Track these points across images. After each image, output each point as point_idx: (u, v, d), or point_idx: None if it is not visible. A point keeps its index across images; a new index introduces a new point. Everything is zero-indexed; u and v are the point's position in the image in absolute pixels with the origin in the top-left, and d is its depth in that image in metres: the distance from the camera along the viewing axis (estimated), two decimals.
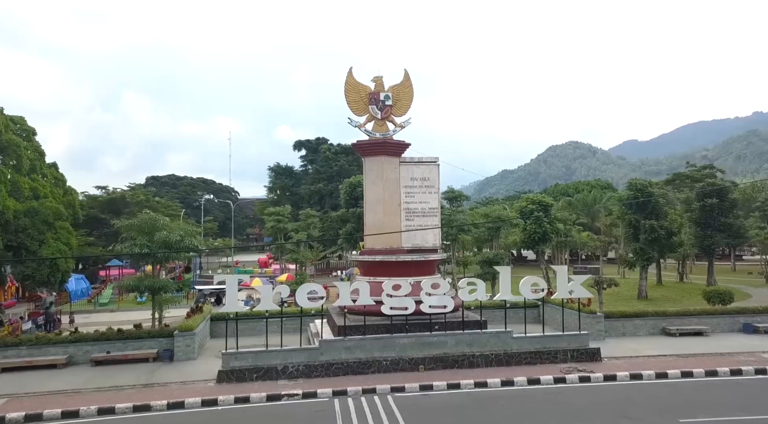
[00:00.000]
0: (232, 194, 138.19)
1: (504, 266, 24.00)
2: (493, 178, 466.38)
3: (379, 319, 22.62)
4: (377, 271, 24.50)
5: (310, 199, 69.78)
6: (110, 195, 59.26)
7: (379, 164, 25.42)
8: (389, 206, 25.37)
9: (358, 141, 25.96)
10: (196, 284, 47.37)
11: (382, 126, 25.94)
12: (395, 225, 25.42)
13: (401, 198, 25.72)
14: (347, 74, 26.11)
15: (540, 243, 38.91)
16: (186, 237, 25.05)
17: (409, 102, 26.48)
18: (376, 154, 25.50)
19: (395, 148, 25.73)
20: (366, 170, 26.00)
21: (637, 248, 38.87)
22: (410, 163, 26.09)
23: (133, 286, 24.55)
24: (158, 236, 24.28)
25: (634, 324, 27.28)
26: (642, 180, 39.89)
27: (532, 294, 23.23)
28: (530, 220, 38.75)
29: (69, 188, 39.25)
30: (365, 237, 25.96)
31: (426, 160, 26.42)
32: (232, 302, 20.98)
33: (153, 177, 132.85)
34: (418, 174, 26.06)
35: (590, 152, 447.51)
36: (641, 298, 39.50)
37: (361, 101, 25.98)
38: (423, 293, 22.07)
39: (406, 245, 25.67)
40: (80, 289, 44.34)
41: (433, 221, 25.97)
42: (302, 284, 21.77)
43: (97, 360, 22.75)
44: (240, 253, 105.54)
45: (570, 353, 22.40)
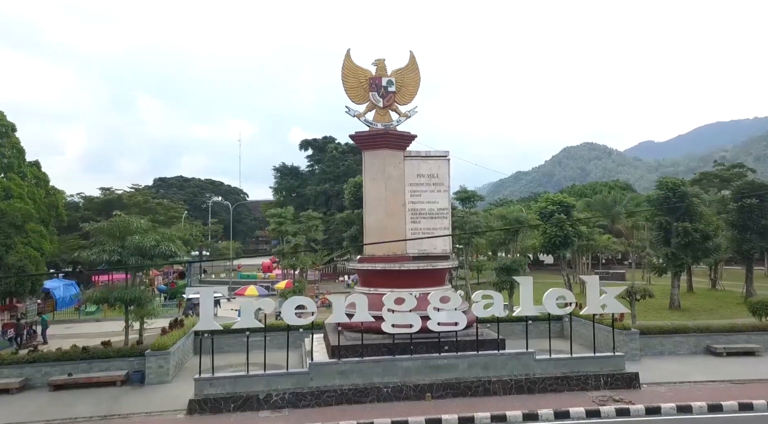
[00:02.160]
0: (240, 196, 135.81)
1: (525, 277, 20.71)
2: (507, 180, 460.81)
3: (379, 337, 19.50)
4: (378, 281, 21.38)
5: (316, 201, 66.86)
6: (107, 196, 56.76)
7: (380, 159, 22.31)
8: (392, 207, 22.24)
9: (357, 132, 22.87)
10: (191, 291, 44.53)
11: (385, 115, 22.82)
12: (399, 228, 22.29)
13: (406, 197, 22.60)
14: (345, 57, 23.04)
15: (561, 247, 35.54)
16: (162, 242, 22.09)
17: (416, 88, 23.35)
18: (377, 148, 22.39)
19: (399, 140, 22.62)
20: (366, 165, 22.88)
21: (668, 253, 35.33)
22: (416, 157, 22.95)
23: (101, 297, 21.67)
24: (130, 242, 21.37)
25: (673, 341, 23.85)
26: (674, 179, 36.40)
27: (558, 309, 19.91)
28: (550, 222, 35.42)
29: (52, 189, 36.61)
30: (365, 242, 22.85)
31: (434, 154, 23.27)
32: (206, 319, 17.92)
33: (161, 178, 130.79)
34: (425, 170, 22.91)
35: (605, 153, 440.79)
36: (674, 308, 35.94)
37: (360, 87, 22.90)
38: (431, 308, 18.90)
39: (412, 252, 22.55)
40: (69, 295, 41.70)
41: (442, 223, 22.81)
42: (289, 298, 18.69)
43: (57, 384, 19.82)
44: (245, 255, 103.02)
45: (603, 379, 19.08)
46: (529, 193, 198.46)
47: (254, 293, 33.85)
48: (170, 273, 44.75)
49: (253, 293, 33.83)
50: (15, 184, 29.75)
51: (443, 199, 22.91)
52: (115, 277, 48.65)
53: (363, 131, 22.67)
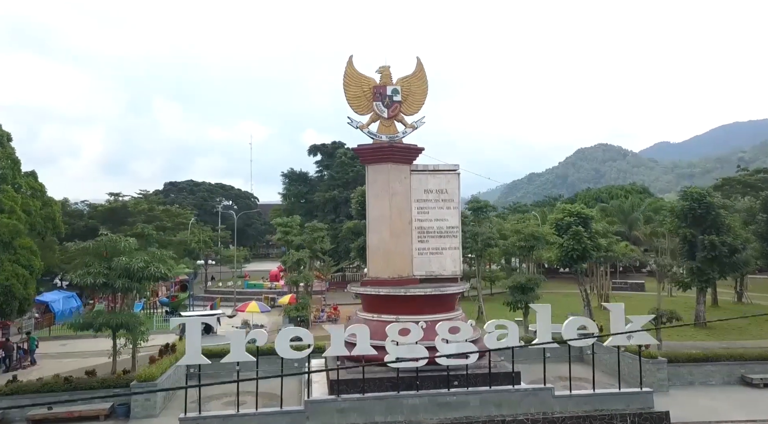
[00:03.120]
0: (250, 200, 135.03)
1: (543, 305, 18.96)
2: (520, 182, 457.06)
3: (382, 370, 17.92)
4: (382, 306, 19.75)
5: (324, 207, 65.33)
6: (112, 204, 55.72)
7: (384, 174, 20.68)
8: (397, 225, 20.59)
9: (359, 145, 21.30)
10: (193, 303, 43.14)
11: (389, 127, 21.21)
12: (405, 249, 20.66)
13: (412, 215, 20.94)
14: (347, 64, 21.45)
15: (579, 261, 33.64)
16: (152, 263, 20.65)
17: (423, 97, 21.73)
18: (381, 162, 20.77)
19: (405, 153, 20.97)
20: (369, 181, 21.27)
21: (693, 268, 33.31)
22: (424, 171, 21.30)
23: (86, 324, 20.23)
24: (117, 263, 19.95)
25: (704, 371, 21.93)
26: (699, 189, 34.34)
27: (579, 341, 18.11)
28: (567, 235, 33.56)
29: (49, 200, 35.41)
30: (368, 263, 21.23)
31: (443, 168, 21.59)
32: (193, 353, 16.37)
33: (171, 183, 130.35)
34: (433, 185, 21.24)
35: (620, 155, 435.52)
36: (699, 325, 33.93)
37: (363, 97, 21.30)
38: (439, 339, 17.24)
39: (419, 273, 20.89)
40: (69, 308, 40.49)
41: (452, 242, 21.12)
42: (282, 329, 17.11)
43: (36, 419, 18.42)
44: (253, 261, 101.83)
45: (630, 418, 17.28)
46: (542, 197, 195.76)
47: (255, 309, 32.34)
48: (171, 285, 43.32)
49: (255, 309, 32.33)
50: (6, 197, 28.51)
51: (453, 216, 21.22)
52: None
53: (366, 144, 21.09)
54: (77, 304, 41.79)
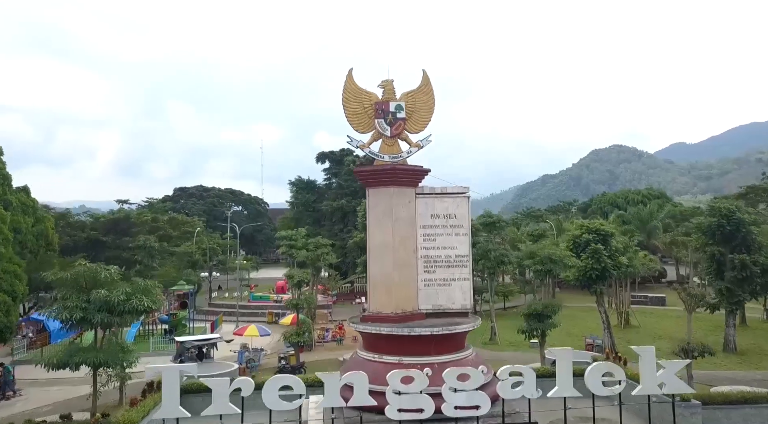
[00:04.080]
0: (261, 206, 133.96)
1: (563, 349, 17.01)
2: (533, 183, 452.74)
3: (383, 418, 16.03)
4: (384, 346, 17.92)
5: (332, 217, 63.66)
6: (114, 215, 54.50)
7: (387, 198, 18.83)
8: (401, 255, 18.73)
9: (358, 167, 19.52)
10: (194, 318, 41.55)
11: (393, 146, 19.37)
12: (409, 280, 18.81)
13: (418, 242, 19.08)
14: (346, 78, 19.67)
15: (598, 281, 31.57)
16: (135, 295, 19.03)
17: (429, 113, 19.88)
18: (382, 185, 18.92)
19: (409, 176, 19.12)
20: (370, 205, 19.42)
21: (722, 288, 31.10)
22: (430, 195, 19.43)
23: (62, 362, 18.60)
24: (96, 296, 18.33)
25: (743, 414, 19.84)
26: (728, 204, 32.08)
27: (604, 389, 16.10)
28: (586, 253, 31.52)
29: (41, 216, 34.05)
30: (369, 296, 19.40)
31: (451, 191, 19.70)
32: (170, 406, 14.64)
33: (180, 188, 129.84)
34: (440, 210, 19.36)
35: (635, 156, 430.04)
36: (729, 351, 31.70)
37: (364, 113, 19.51)
38: (446, 387, 15.37)
39: (425, 307, 19.02)
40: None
41: (461, 273, 19.22)
42: (271, 378, 15.30)
43: None
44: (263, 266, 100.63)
45: None
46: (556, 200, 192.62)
47: (254, 333, 30.68)
48: (170, 302, 41.66)
49: (254, 333, 30.66)
50: None
51: (463, 243, 19.31)
52: None
53: (365, 166, 19.34)
54: None
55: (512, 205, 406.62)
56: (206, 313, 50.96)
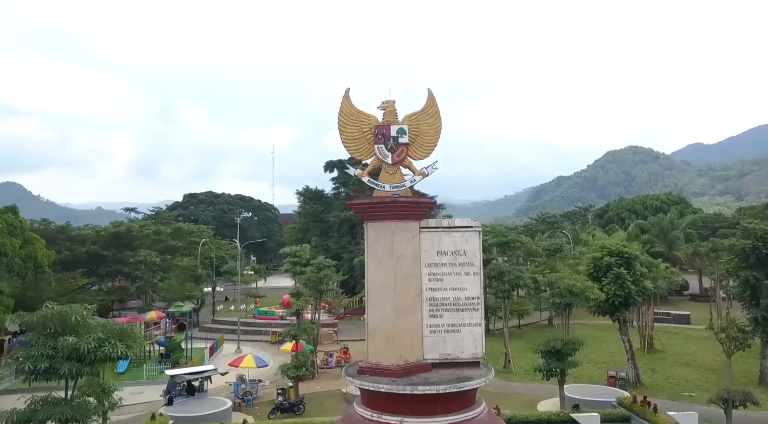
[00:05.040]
0: (271, 212, 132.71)
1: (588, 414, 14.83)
2: (548, 185, 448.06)
3: None
4: (383, 404, 15.84)
5: (339, 228, 61.71)
6: (116, 227, 53.04)
7: (387, 233, 16.77)
8: (404, 297, 16.66)
9: (356, 200, 17.49)
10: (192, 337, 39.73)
11: (394, 174, 17.32)
12: (413, 327, 16.73)
13: (422, 283, 17.00)
14: (342, 99, 17.65)
15: (621, 308, 29.28)
16: (109, 341, 17.16)
17: (435, 137, 17.80)
18: (382, 219, 16.88)
19: (413, 208, 17.06)
20: (369, 242, 17.38)
21: (757, 317, 28.68)
22: (437, 229, 17.34)
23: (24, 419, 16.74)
24: (63, 343, 16.49)
25: None
26: (764, 227, 29.56)
27: None
28: (607, 277, 29.24)
29: (30, 237, 32.46)
30: (368, 344, 17.33)
31: (460, 225, 17.61)
32: None
33: (190, 194, 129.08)
34: (448, 246, 17.26)
35: (651, 157, 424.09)
36: (764, 384, 29.23)
37: (362, 138, 17.48)
38: None
39: (431, 357, 16.92)
40: None
41: (472, 317, 17.11)
42: None
43: None
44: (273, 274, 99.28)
45: None
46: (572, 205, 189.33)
47: (251, 365, 28.78)
48: (166, 323, 39.75)
49: (250, 365, 28.77)
50: None
51: (473, 284, 17.20)
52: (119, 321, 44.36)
53: (364, 198, 17.35)
54: None
55: (525, 208, 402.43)
56: (208, 330, 49.24)
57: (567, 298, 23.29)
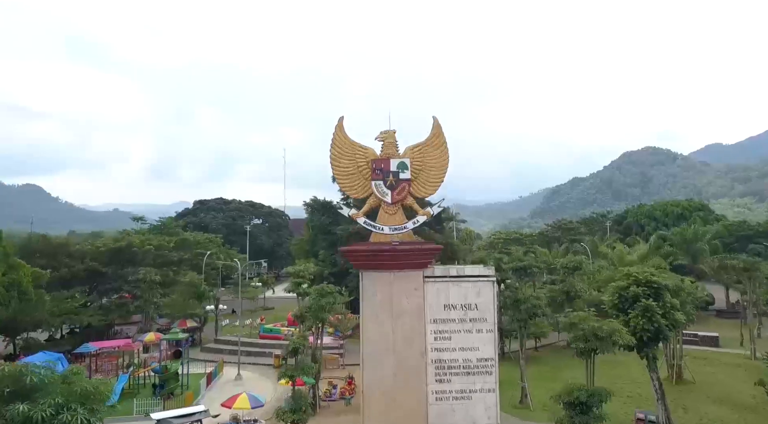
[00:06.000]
0: (281, 219, 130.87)
1: None
2: (563, 187, 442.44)
3: None
4: None
5: (347, 242, 59.36)
6: (117, 242, 51.24)
7: (385, 284, 14.55)
8: (405, 358, 14.42)
9: (350, 246, 15.25)
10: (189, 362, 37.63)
11: (395, 215, 15.11)
12: (415, 393, 14.47)
13: (427, 342, 14.76)
14: (335, 129, 15.46)
15: (650, 345, 26.60)
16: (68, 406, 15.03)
17: (441, 172, 15.57)
18: (380, 268, 14.65)
19: (416, 256, 14.80)
20: (364, 294, 15.13)
21: None
22: (443, 279, 15.06)
23: None
24: (14, 411, 14.39)
25: None
26: None
27: None
28: (635, 309, 26.58)
29: (15, 264, 30.63)
30: (363, 411, 15.06)
31: (471, 274, 15.31)
32: None
33: (200, 201, 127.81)
34: (457, 298, 14.99)
35: (669, 158, 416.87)
36: None
37: (358, 173, 15.32)
38: None
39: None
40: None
41: (484, 381, 14.81)
42: None
43: None
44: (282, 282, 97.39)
45: None
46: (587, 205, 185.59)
47: (245, 405, 26.57)
48: (161, 349, 37.60)
49: (244, 405, 26.57)
50: None
51: (486, 343, 14.90)
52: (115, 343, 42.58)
53: (359, 245, 15.03)
54: (63, 368, 36.66)
55: (541, 209, 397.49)
56: (210, 351, 47.12)
57: (592, 343, 20.79)
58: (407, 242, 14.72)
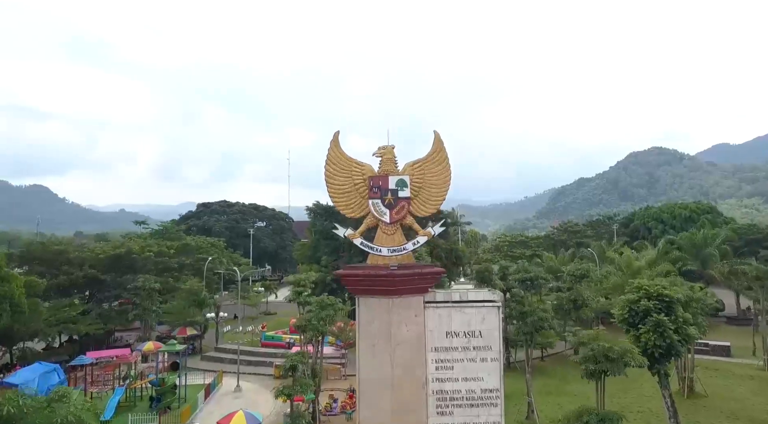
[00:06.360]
0: (285, 221, 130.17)
1: None
2: (569, 187, 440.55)
3: None
4: None
5: (351, 248, 58.31)
6: (116, 249, 50.51)
7: (383, 312, 13.61)
8: (404, 393, 13.47)
9: (345, 268, 14.32)
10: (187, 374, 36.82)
11: (393, 235, 14.18)
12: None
13: (428, 373, 13.81)
14: (331, 144, 14.55)
15: (662, 361, 25.60)
16: None
17: (443, 189, 14.61)
18: (377, 294, 13.71)
19: (417, 281, 13.86)
20: (360, 321, 14.19)
21: None
22: (444, 305, 14.12)
23: None
24: None
25: None
26: None
27: None
28: (645, 324, 25.59)
29: (6, 275, 29.88)
30: None
31: (475, 299, 14.34)
32: None
33: (203, 204, 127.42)
34: (459, 325, 14.04)
35: (676, 158, 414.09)
36: None
37: (354, 191, 14.38)
38: None
39: None
40: (47, 389, 34.68)
41: (489, 414, 13.86)
42: None
43: None
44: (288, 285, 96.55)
45: None
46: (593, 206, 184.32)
47: (242, 423, 25.85)
48: (157, 365, 36.53)
49: (241, 423, 25.84)
50: None
51: (491, 373, 13.95)
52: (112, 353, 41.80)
53: (354, 268, 14.09)
54: (60, 379, 35.90)
55: (546, 210, 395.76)
56: (211, 360, 46.35)
57: (603, 364, 19.83)
58: (406, 265, 13.77)
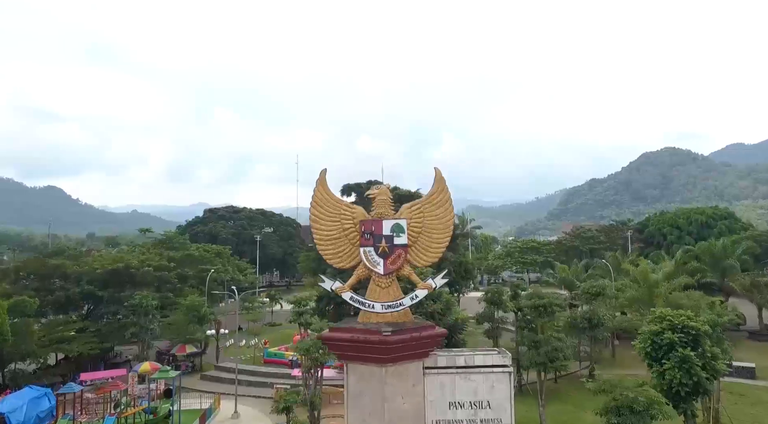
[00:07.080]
0: (292, 227, 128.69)
1: None
2: (580, 188, 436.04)
3: None
4: None
5: None
6: (114, 264, 48.99)
7: (376, 382, 11.70)
8: None
9: (332, 334, 12.41)
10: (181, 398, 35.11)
11: (388, 288, 12.29)
12: None
13: None
14: (317, 184, 12.73)
15: (688, 400, 23.52)
16: None
17: (445, 234, 12.68)
18: (368, 361, 11.81)
19: (413, 347, 11.94)
20: (350, 390, 12.28)
21: None
22: (448, 370, 12.22)
23: None
24: None
25: None
26: None
27: None
28: (670, 360, 23.52)
29: None
30: None
31: (482, 364, 12.42)
32: None
33: (210, 210, 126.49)
34: (465, 394, 12.13)
35: (689, 159, 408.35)
36: None
37: (344, 238, 12.52)
38: None
39: None
40: (35, 415, 33.18)
41: None
42: None
43: None
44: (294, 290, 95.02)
45: None
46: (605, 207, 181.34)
47: None
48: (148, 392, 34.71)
49: None
50: None
51: None
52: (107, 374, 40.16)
53: (340, 332, 12.17)
54: (50, 405, 34.27)
55: (558, 211, 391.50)
56: (210, 380, 44.57)
57: (627, 418, 17.84)
58: (402, 329, 11.85)
